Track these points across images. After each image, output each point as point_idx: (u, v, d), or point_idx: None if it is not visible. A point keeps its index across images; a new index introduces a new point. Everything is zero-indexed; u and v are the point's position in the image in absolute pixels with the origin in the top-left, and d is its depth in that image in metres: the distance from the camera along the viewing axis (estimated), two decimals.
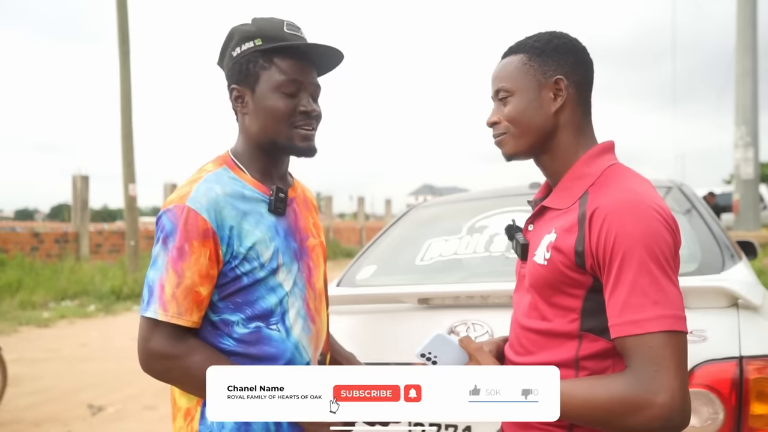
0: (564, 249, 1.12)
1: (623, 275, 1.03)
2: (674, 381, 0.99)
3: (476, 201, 2.83)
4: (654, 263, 1.03)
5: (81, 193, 13.67)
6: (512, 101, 1.21)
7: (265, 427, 1.31)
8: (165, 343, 1.25)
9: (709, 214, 2.24)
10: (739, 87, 14.16)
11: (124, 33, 12.02)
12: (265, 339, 1.32)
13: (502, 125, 1.23)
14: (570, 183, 1.19)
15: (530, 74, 1.20)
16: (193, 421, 1.32)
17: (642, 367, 1.00)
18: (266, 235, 1.33)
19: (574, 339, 1.13)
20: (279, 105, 1.34)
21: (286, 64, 1.34)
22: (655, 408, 0.98)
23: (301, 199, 1.50)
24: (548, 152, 1.23)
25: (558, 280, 1.13)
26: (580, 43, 1.24)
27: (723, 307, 1.62)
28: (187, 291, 1.26)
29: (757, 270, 7.81)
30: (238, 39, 1.36)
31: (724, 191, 17.67)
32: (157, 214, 1.34)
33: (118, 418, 4.48)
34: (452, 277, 2.29)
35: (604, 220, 1.06)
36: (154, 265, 1.28)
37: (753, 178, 13.97)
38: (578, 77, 1.21)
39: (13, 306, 9.46)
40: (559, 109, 1.20)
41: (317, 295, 1.45)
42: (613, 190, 1.11)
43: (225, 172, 1.36)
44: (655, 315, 1.01)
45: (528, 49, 1.22)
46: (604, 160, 1.19)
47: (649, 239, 1.03)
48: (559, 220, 1.17)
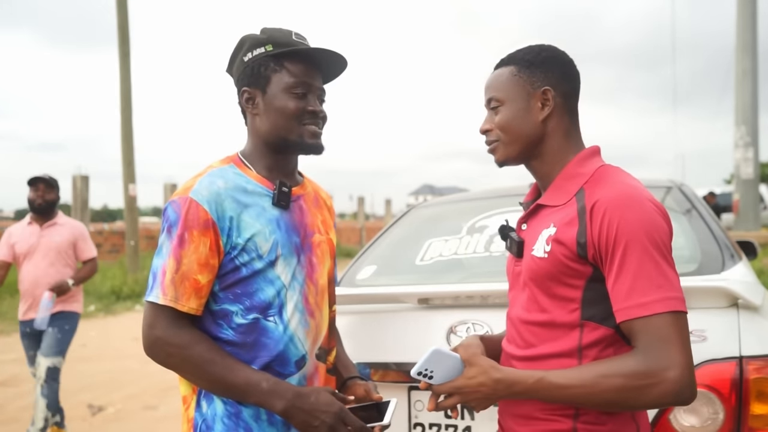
0: (565, 241, 1.17)
1: (627, 262, 1.10)
2: (682, 357, 1.06)
3: (476, 201, 2.83)
4: (655, 250, 1.10)
5: (81, 193, 13.68)
6: (503, 110, 1.29)
7: (255, 414, 1.35)
8: (167, 331, 1.31)
9: (709, 214, 2.23)
10: (739, 87, 14.17)
11: (124, 33, 12.03)
12: (262, 330, 1.36)
13: (494, 133, 1.31)
14: (564, 182, 1.26)
15: (519, 85, 1.28)
16: (189, 409, 1.39)
17: (652, 346, 1.07)
18: (266, 227, 1.38)
19: (576, 328, 1.18)
20: (289, 105, 1.41)
21: (296, 68, 1.42)
22: (668, 383, 1.05)
23: (312, 197, 1.54)
24: (538, 157, 1.30)
25: (559, 271, 1.18)
26: (567, 56, 1.31)
27: (723, 307, 1.62)
28: (183, 277, 1.32)
29: (757, 270, 7.81)
30: (249, 45, 1.44)
31: (724, 191, 17.68)
32: (157, 214, 1.36)
33: (118, 418, 4.48)
34: (452, 277, 2.29)
35: (606, 211, 1.13)
36: (159, 253, 1.36)
37: (753, 178, 13.98)
38: (565, 88, 1.28)
39: (13, 306, 9.47)
40: (546, 117, 1.27)
41: (319, 290, 1.47)
42: (610, 185, 1.18)
43: (231, 168, 1.43)
44: (660, 297, 1.08)
45: (518, 62, 1.30)
46: (594, 161, 1.27)
47: (650, 228, 1.11)
48: (556, 215, 1.23)
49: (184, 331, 1.32)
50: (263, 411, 1.35)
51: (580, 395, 1.10)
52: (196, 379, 1.34)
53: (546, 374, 1.13)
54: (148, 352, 1.34)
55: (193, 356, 1.30)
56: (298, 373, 1.39)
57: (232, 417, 1.35)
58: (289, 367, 1.38)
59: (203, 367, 1.30)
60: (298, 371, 1.39)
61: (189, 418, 1.39)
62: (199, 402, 1.38)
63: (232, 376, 1.30)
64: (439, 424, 1.81)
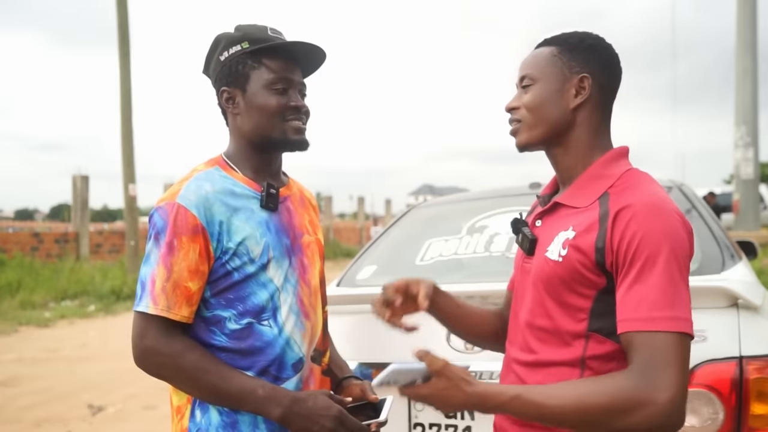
0: (584, 247, 1.11)
1: (645, 273, 1.04)
2: (677, 380, 0.99)
3: (476, 201, 2.83)
4: (676, 265, 1.04)
5: (81, 193, 13.68)
6: (534, 89, 1.22)
7: (253, 422, 1.32)
8: (158, 340, 1.28)
9: (709, 214, 2.23)
10: (739, 87, 14.16)
11: (124, 33, 12.02)
12: (257, 334, 1.34)
13: (520, 112, 1.24)
14: (587, 182, 1.19)
15: (557, 66, 1.21)
16: (183, 419, 1.35)
17: (649, 365, 1.00)
18: (256, 230, 1.35)
19: (581, 339, 1.13)
20: (270, 101, 1.38)
21: (275, 63, 1.39)
22: (657, 406, 0.98)
23: (297, 197, 1.52)
24: (561, 146, 1.23)
25: (572, 278, 1.12)
26: (613, 50, 1.25)
27: (723, 307, 1.62)
28: (175, 285, 1.28)
29: (757, 270, 7.81)
30: (224, 44, 1.41)
31: (724, 191, 17.66)
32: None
33: (118, 418, 4.48)
34: (452, 277, 2.29)
35: (632, 218, 1.07)
36: (146, 261, 1.32)
37: (753, 178, 13.96)
38: (604, 80, 1.21)
39: (13, 306, 9.46)
40: (578, 105, 1.20)
41: (312, 291, 1.46)
42: (639, 191, 1.11)
43: (216, 171, 1.40)
44: (670, 315, 1.01)
45: (561, 43, 1.23)
46: (621, 164, 1.20)
47: (675, 242, 1.05)
48: (576, 218, 1.16)
49: (176, 340, 1.28)
50: (260, 419, 1.32)
51: (559, 414, 1.02)
52: (190, 388, 1.31)
53: (523, 391, 1.06)
54: (138, 363, 1.31)
55: (186, 365, 1.27)
56: (296, 376, 1.37)
57: (228, 426, 1.32)
58: (287, 370, 1.36)
59: (197, 376, 1.27)
60: (295, 374, 1.37)
61: (183, 429, 1.35)
62: (194, 412, 1.34)
63: (227, 384, 1.27)
64: (439, 424, 1.81)
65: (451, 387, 1.06)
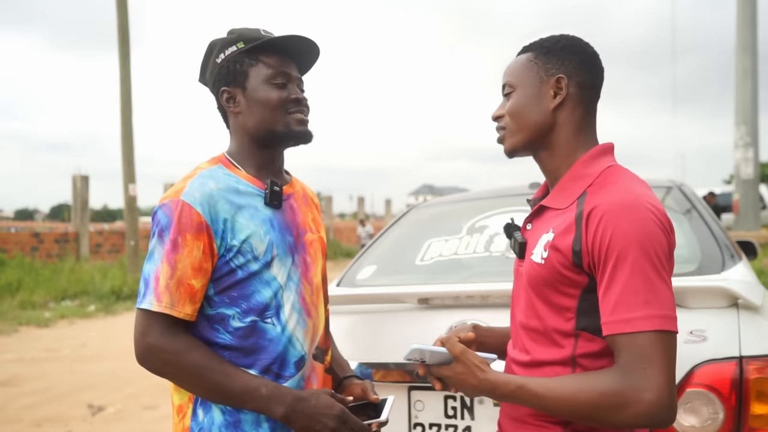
0: (562, 248, 1.13)
1: (617, 274, 1.05)
2: (661, 379, 1.01)
3: (476, 201, 2.83)
4: (648, 263, 1.04)
5: (81, 193, 13.69)
6: (514, 96, 1.25)
7: (255, 421, 1.32)
8: (161, 338, 1.27)
9: (709, 214, 2.23)
10: (739, 87, 14.16)
11: (124, 33, 12.03)
12: (260, 332, 1.34)
13: (504, 120, 1.27)
14: (568, 183, 1.20)
15: (533, 71, 1.24)
16: (185, 418, 1.35)
17: (631, 365, 1.02)
18: (260, 228, 1.36)
19: (570, 338, 1.15)
20: (272, 95, 1.39)
21: (272, 59, 1.41)
22: (642, 405, 1.01)
23: (300, 195, 1.52)
24: (546, 149, 1.24)
25: (555, 279, 1.14)
26: (590, 47, 1.26)
27: (723, 307, 1.62)
28: (179, 282, 1.28)
29: (757, 270, 7.81)
30: (220, 47, 1.43)
31: (724, 191, 17.67)
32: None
33: (118, 418, 4.48)
34: (452, 277, 2.29)
35: (601, 219, 1.08)
36: (150, 258, 1.32)
37: (753, 178, 13.96)
38: (581, 78, 1.22)
39: (13, 306, 9.47)
40: (557, 106, 1.21)
41: (314, 289, 1.46)
42: (611, 190, 1.12)
43: (220, 169, 1.40)
44: (645, 314, 1.03)
45: (536, 48, 1.26)
46: (602, 161, 1.20)
47: (644, 239, 1.05)
48: (556, 219, 1.18)
49: (179, 338, 1.28)
50: (263, 417, 1.32)
51: (557, 407, 1.07)
52: (193, 386, 1.30)
53: (527, 381, 1.11)
54: (141, 361, 1.30)
55: (189, 363, 1.26)
56: (298, 374, 1.37)
57: (231, 426, 1.31)
58: (289, 368, 1.36)
59: (200, 374, 1.27)
60: (297, 372, 1.37)
61: (184, 428, 1.34)
62: (195, 411, 1.33)
63: (230, 382, 1.27)
64: (439, 424, 1.81)
65: (467, 372, 1.16)
